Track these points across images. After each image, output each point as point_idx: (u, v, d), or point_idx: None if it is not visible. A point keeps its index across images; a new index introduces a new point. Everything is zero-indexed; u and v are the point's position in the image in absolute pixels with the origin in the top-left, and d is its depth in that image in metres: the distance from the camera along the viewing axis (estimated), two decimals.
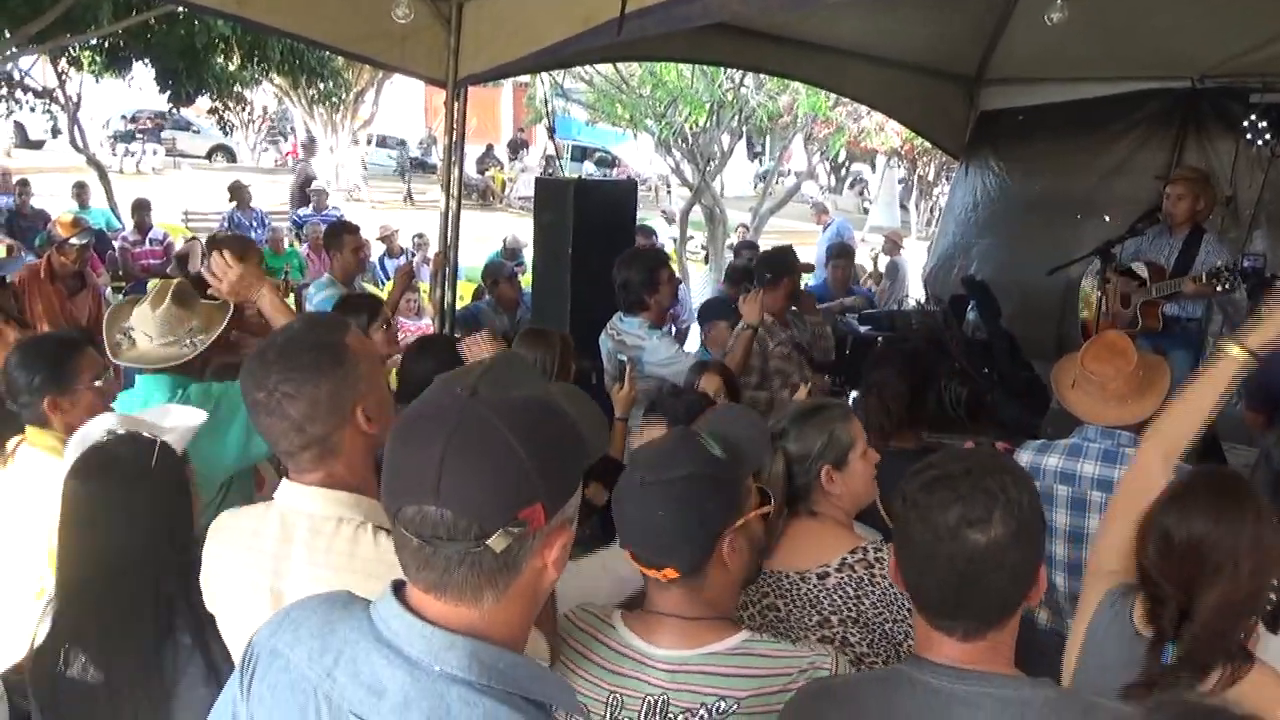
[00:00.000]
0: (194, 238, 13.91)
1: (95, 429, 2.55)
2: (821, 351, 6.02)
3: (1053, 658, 2.39)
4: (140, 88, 17.70)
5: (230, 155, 33.84)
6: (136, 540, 2.36)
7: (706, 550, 1.97)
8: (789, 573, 2.59)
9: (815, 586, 2.56)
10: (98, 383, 3.17)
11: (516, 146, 34.71)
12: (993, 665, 1.75)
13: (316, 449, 2.05)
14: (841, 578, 2.55)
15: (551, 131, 18.80)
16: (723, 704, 1.95)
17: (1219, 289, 5.80)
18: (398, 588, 1.44)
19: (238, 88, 15.16)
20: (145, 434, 2.47)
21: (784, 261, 5.96)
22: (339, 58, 14.43)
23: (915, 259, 15.02)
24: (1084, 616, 2.30)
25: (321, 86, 16.87)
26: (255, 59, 12.79)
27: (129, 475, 2.39)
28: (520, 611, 1.44)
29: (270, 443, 2.11)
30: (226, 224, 15.10)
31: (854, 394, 5.38)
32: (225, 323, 3.58)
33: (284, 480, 2.11)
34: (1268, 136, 7.61)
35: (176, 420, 2.69)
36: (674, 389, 4.13)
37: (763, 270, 5.90)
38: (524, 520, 1.35)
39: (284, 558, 2.03)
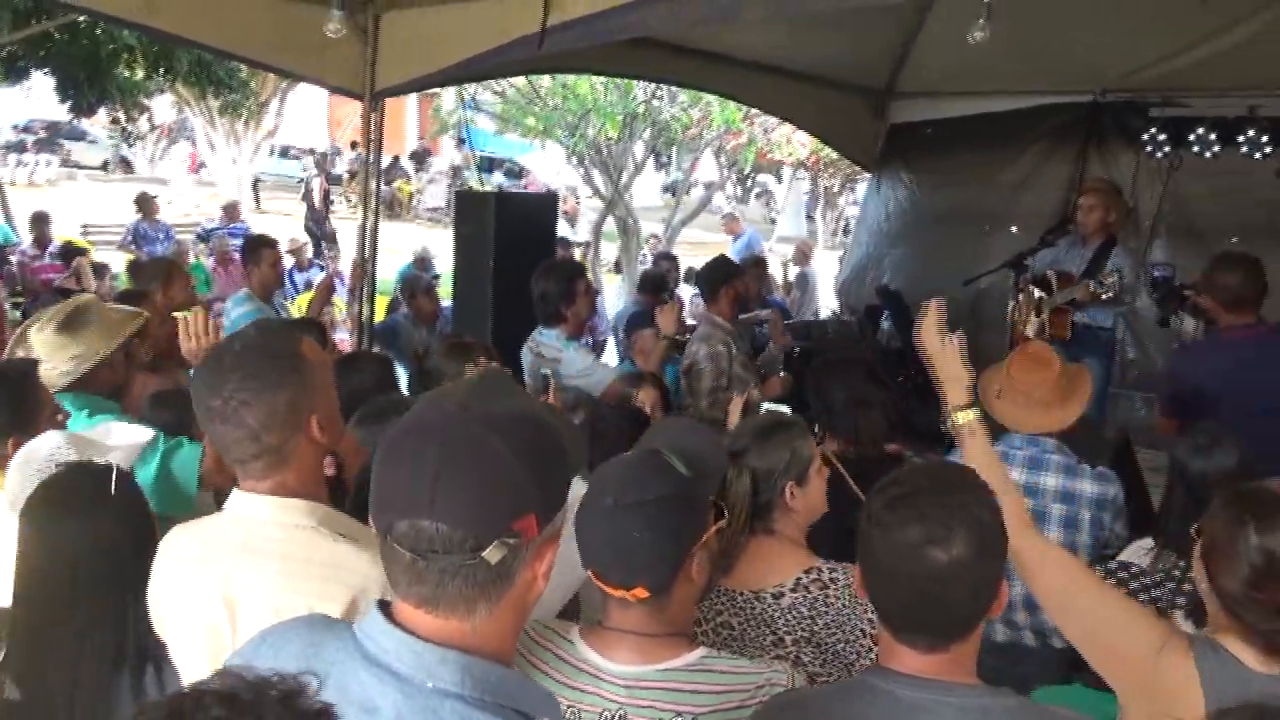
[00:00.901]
0: (72, 245, 13.45)
1: (41, 447, 2.48)
2: None
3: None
4: (39, 97, 17.17)
5: (127, 166, 33.05)
6: (101, 569, 2.31)
7: (677, 569, 1.99)
8: (743, 591, 2.60)
9: (770, 606, 2.57)
10: (59, 415, 3.06)
11: (421, 157, 34.46)
12: (954, 675, 1.78)
13: (270, 458, 2.04)
14: (796, 598, 2.56)
15: (462, 142, 18.73)
16: None
17: (1103, 296, 5.98)
18: (384, 606, 1.43)
19: (141, 98, 14.82)
20: (98, 459, 2.41)
21: (729, 270, 5.99)
22: (245, 67, 14.20)
23: (823, 269, 15.25)
24: (1186, 687, 2.18)
25: (228, 97, 16.56)
26: (161, 69, 12.52)
27: (90, 505, 2.33)
28: (510, 624, 1.44)
29: (222, 450, 2.10)
30: (131, 236, 14.78)
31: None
32: (116, 342, 3.48)
33: (235, 490, 2.09)
34: (1167, 149, 7.88)
35: (120, 439, 2.64)
36: (616, 404, 4.14)
37: (712, 282, 5.91)
38: (518, 531, 1.36)
39: (238, 566, 2.01)
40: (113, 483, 2.34)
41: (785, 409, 3.73)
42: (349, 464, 2.92)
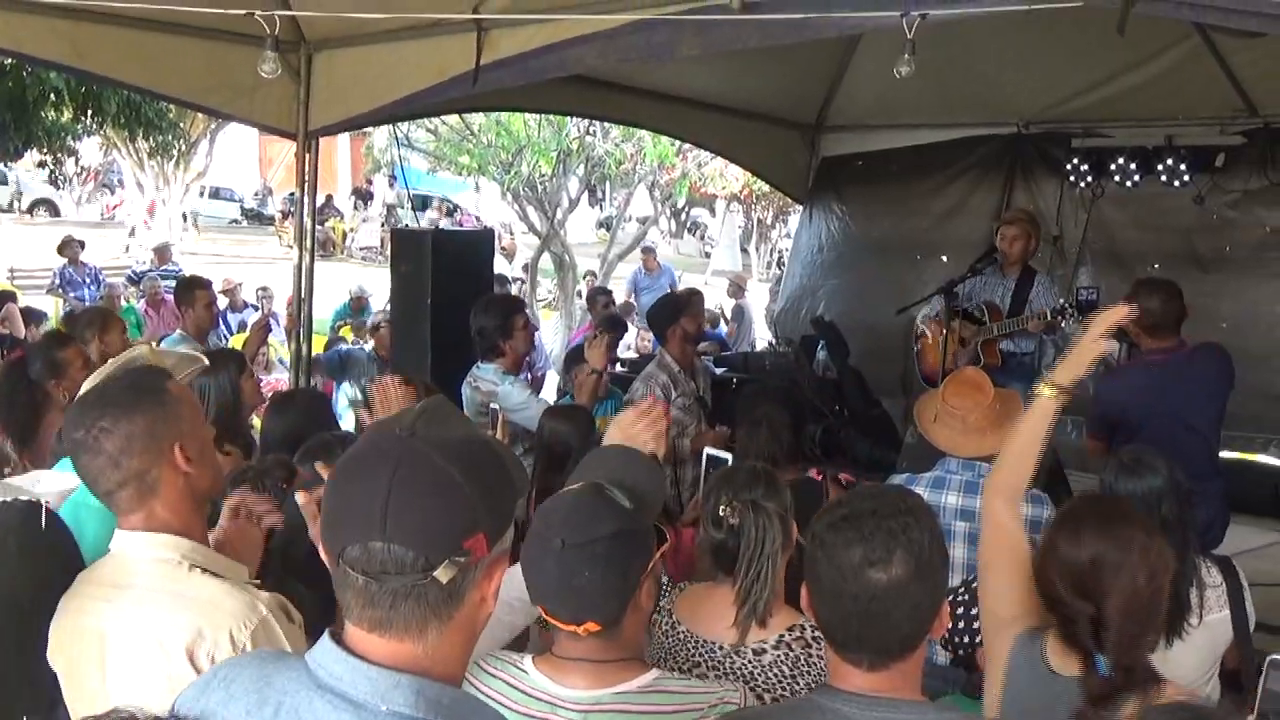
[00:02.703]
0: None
1: None
2: None
3: None
4: None
5: (53, 209, 32.50)
6: (40, 604, 2.28)
7: (626, 603, 2.01)
8: (722, 644, 2.59)
9: (750, 663, 2.55)
10: None
11: (364, 196, 34.31)
12: (899, 692, 1.82)
13: (134, 486, 2.10)
14: (778, 655, 2.54)
15: (393, 180, 18.68)
16: None
17: (1063, 324, 6.08)
18: (334, 633, 1.44)
19: (69, 140, 14.61)
20: (26, 498, 2.39)
21: (675, 309, 5.97)
22: (174, 108, 14.07)
23: (757, 301, 15.38)
24: (997, 667, 2.34)
25: (158, 139, 16.38)
26: (89, 111, 12.36)
27: (24, 541, 2.30)
28: (461, 644, 1.46)
29: (90, 485, 2.14)
30: (57, 280, 14.53)
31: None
32: None
33: (116, 529, 2.15)
34: (1089, 179, 8.07)
35: (48, 486, 2.60)
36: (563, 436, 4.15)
37: (659, 324, 5.95)
38: (468, 550, 1.38)
39: (112, 601, 2.07)
40: (43, 518, 2.32)
41: (728, 455, 3.75)
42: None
